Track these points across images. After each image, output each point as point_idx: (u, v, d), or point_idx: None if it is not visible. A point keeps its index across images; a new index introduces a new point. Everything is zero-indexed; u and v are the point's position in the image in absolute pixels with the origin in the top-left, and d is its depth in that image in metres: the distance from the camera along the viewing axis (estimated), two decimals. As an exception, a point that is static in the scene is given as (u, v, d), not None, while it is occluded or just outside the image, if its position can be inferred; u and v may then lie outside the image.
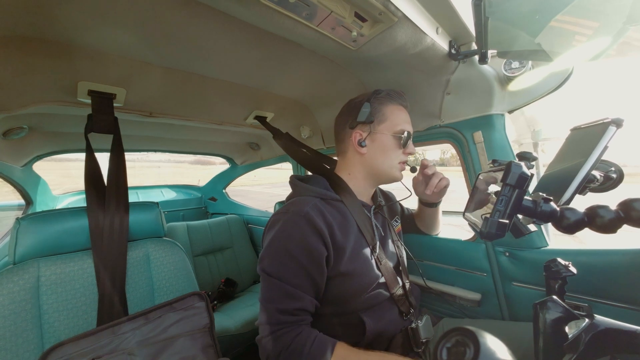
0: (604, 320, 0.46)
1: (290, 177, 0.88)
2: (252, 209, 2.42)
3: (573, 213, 0.45)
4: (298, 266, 0.68)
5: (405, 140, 0.82)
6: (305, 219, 0.70)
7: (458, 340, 0.37)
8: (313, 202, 0.74)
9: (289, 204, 0.77)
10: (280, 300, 0.68)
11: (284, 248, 0.70)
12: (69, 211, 0.88)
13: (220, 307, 1.77)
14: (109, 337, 0.75)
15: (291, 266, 0.69)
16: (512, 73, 0.90)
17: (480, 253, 1.04)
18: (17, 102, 0.90)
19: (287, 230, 0.71)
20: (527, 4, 0.66)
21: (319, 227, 0.69)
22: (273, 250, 0.71)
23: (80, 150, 1.65)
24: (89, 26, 0.67)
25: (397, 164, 0.83)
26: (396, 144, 0.81)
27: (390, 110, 0.82)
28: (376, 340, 0.76)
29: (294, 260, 0.69)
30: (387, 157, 0.82)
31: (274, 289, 0.69)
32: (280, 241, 0.71)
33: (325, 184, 0.83)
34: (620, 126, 0.52)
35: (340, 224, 0.75)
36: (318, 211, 0.73)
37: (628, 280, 0.75)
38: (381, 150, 0.82)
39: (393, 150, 0.82)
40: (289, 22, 0.64)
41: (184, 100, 1.14)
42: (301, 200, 0.75)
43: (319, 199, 0.77)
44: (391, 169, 0.83)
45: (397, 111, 0.83)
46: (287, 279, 0.68)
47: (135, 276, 0.91)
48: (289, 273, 0.69)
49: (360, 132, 0.82)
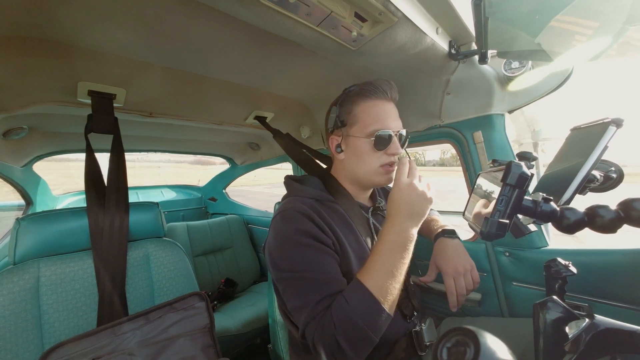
0: (604, 320, 0.46)
1: (285, 177, 0.85)
2: (252, 209, 2.42)
3: (573, 213, 0.45)
4: (315, 252, 0.65)
5: (380, 142, 0.72)
6: (303, 214, 0.68)
7: (458, 340, 0.37)
8: (309, 202, 0.73)
9: (285, 202, 0.75)
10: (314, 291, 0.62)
11: (294, 241, 0.66)
12: (69, 211, 0.88)
13: (220, 307, 1.77)
14: (109, 337, 0.75)
15: (308, 255, 0.65)
16: (512, 73, 0.90)
17: (480, 253, 1.04)
18: (17, 102, 0.90)
19: (291, 225, 0.67)
20: (527, 4, 0.66)
21: (317, 222, 0.68)
22: (284, 250, 0.67)
23: (80, 151, 1.65)
24: (89, 26, 0.67)
25: (377, 169, 0.74)
26: (372, 147, 0.73)
27: (362, 109, 0.74)
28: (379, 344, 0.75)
29: (309, 249, 0.65)
30: (363, 163, 0.75)
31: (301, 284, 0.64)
32: (288, 237, 0.67)
33: (321, 185, 0.81)
34: (620, 126, 0.52)
35: (337, 224, 0.73)
36: (315, 210, 0.71)
37: (628, 280, 0.75)
38: (356, 155, 0.75)
39: (369, 154, 0.73)
40: (289, 22, 0.64)
41: (184, 101, 1.14)
42: (296, 200, 0.74)
43: (313, 200, 0.75)
44: (371, 175, 0.75)
45: (370, 108, 0.74)
46: (311, 267, 0.64)
47: (135, 276, 0.91)
48: (310, 262, 0.64)
49: (336, 137, 0.78)
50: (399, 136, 0.75)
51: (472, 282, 0.74)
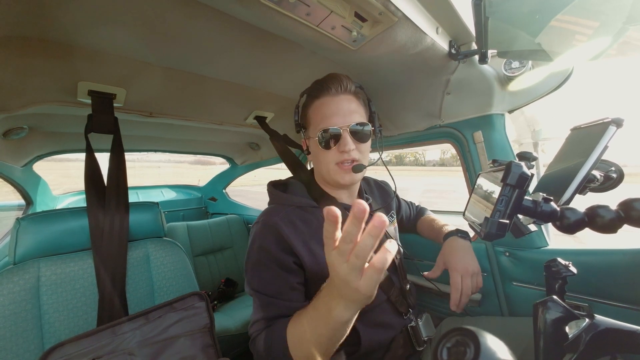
0: (604, 320, 0.46)
1: (267, 184, 0.85)
2: (252, 209, 2.42)
3: (573, 213, 0.45)
4: (272, 275, 0.68)
5: (325, 140, 0.71)
6: (272, 229, 0.70)
7: (458, 340, 0.37)
8: (284, 212, 0.73)
9: (262, 213, 0.77)
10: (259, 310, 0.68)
11: (256, 259, 0.70)
12: (69, 211, 0.88)
13: (220, 307, 1.78)
14: (109, 337, 0.75)
15: (265, 276, 0.69)
16: (512, 73, 0.90)
17: (480, 253, 1.04)
18: (17, 102, 0.90)
19: (257, 242, 0.71)
20: (527, 4, 0.66)
21: (285, 236, 0.69)
22: (250, 262, 0.72)
23: (80, 150, 1.65)
24: (89, 26, 0.67)
25: (333, 167, 0.73)
26: (323, 145, 0.72)
27: (313, 110, 0.76)
28: (375, 347, 0.75)
29: (267, 270, 0.69)
30: (321, 163, 0.76)
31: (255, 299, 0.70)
32: (253, 252, 0.71)
33: (303, 191, 0.81)
34: (621, 126, 0.52)
35: (317, 230, 0.73)
36: (288, 221, 0.71)
37: (628, 280, 0.75)
38: (315, 156, 0.78)
39: (322, 153, 0.74)
40: (289, 22, 0.64)
41: (184, 101, 1.14)
42: (273, 210, 0.75)
43: (293, 207, 0.76)
44: (331, 174, 0.74)
45: (318, 107, 0.74)
46: (262, 289, 0.68)
47: (135, 276, 0.91)
48: (263, 283, 0.69)
49: (305, 140, 0.81)
50: (351, 131, 0.71)
51: (477, 286, 0.75)
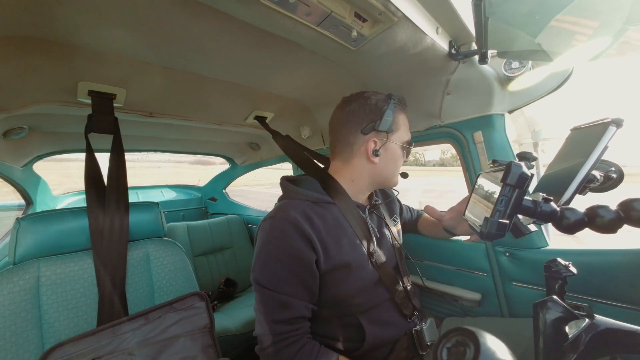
0: (604, 320, 0.46)
1: (281, 178, 0.85)
2: (252, 209, 2.42)
3: (573, 213, 0.45)
4: (289, 273, 0.68)
5: (409, 152, 0.84)
6: (292, 224, 0.69)
7: (458, 340, 0.37)
8: (301, 207, 0.72)
9: (277, 208, 0.76)
10: (275, 311, 0.67)
11: (274, 256, 0.69)
12: (69, 211, 0.88)
13: (220, 307, 1.77)
14: (109, 337, 0.75)
15: (282, 274, 0.68)
16: (512, 73, 0.90)
17: (480, 253, 1.04)
18: (17, 102, 0.90)
19: (275, 237, 0.70)
20: (527, 4, 0.66)
21: (306, 232, 0.68)
22: (262, 259, 0.70)
23: (80, 150, 1.65)
24: (89, 26, 0.67)
25: (399, 172, 0.85)
26: (403, 154, 0.82)
27: (402, 119, 0.81)
28: (379, 344, 0.75)
29: (284, 267, 0.68)
30: (396, 167, 0.82)
31: (268, 299, 0.68)
32: (269, 249, 0.70)
33: (317, 186, 0.80)
34: (621, 126, 0.52)
35: (332, 227, 0.73)
36: (306, 216, 0.71)
37: (628, 280, 0.75)
38: (392, 160, 0.81)
39: (400, 160, 0.82)
40: (289, 22, 0.64)
41: (184, 101, 1.14)
42: (289, 205, 0.74)
43: (309, 202, 0.75)
44: (395, 178, 0.84)
45: (404, 120, 0.83)
46: (279, 288, 0.67)
47: (135, 276, 0.91)
48: (280, 282, 0.68)
49: (376, 140, 0.77)
50: None
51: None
